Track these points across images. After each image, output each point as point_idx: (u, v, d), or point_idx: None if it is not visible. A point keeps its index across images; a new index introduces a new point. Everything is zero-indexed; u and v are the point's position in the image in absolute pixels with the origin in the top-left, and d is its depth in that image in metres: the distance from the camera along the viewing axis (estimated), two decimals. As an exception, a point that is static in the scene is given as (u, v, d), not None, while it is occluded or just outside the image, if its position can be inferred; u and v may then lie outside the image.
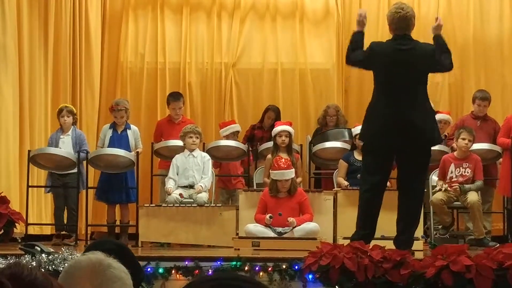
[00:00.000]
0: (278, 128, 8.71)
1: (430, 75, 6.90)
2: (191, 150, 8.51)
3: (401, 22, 6.71)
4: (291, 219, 7.77)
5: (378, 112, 6.71)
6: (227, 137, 9.43)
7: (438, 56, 6.76)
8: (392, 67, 6.65)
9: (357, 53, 6.85)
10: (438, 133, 6.94)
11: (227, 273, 6.20)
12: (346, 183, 8.49)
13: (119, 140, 8.96)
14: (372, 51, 6.80)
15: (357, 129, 8.50)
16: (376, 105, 6.76)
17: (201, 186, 8.33)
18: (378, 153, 6.73)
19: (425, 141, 6.71)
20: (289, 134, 8.73)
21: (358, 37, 6.93)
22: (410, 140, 6.61)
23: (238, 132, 9.55)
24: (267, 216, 7.81)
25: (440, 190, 8.17)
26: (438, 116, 9.25)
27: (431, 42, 6.97)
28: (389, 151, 6.75)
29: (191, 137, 8.49)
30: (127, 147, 8.87)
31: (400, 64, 6.64)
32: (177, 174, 8.46)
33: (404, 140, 6.62)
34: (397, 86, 6.63)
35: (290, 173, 7.99)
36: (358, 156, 8.48)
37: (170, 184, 8.37)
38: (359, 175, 7.46)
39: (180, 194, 8.23)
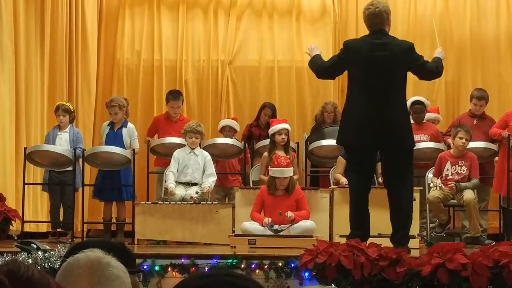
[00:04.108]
0: (278, 126, 8.66)
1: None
2: (192, 148, 8.53)
3: (372, 18, 6.72)
4: (289, 214, 7.77)
5: (354, 110, 6.67)
6: (221, 131, 9.45)
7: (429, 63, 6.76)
8: (370, 61, 6.61)
9: (324, 62, 6.86)
10: (412, 137, 6.82)
11: (220, 269, 6.20)
12: (344, 179, 8.46)
13: (114, 137, 8.93)
14: (348, 48, 6.79)
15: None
16: (352, 104, 6.72)
17: (208, 186, 8.34)
18: (358, 152, 6.72)
19: (404, 139, 6.67)
20: (287, 132, 8.72)
21: (319, 56, 6.96)
22: (388, 138, 6.60)
23: (234, 130, 9.53)
24: (266, 220, 7.77)
25: (435, 189, 8.17)
26: (429, 116, 9.27)
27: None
28: (369, 150, 6.71)
29: (191, 137, 8.51)
30: (121, 145, 8.83)
31: (378, 58, 6.60)
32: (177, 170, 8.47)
33: (382, 138, 6.60)
34: (375, 82, 6.59)
35: (289, 171, 7.97)
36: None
37: (170, 181, 8.34)
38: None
39: (192, 197, 8.21)
